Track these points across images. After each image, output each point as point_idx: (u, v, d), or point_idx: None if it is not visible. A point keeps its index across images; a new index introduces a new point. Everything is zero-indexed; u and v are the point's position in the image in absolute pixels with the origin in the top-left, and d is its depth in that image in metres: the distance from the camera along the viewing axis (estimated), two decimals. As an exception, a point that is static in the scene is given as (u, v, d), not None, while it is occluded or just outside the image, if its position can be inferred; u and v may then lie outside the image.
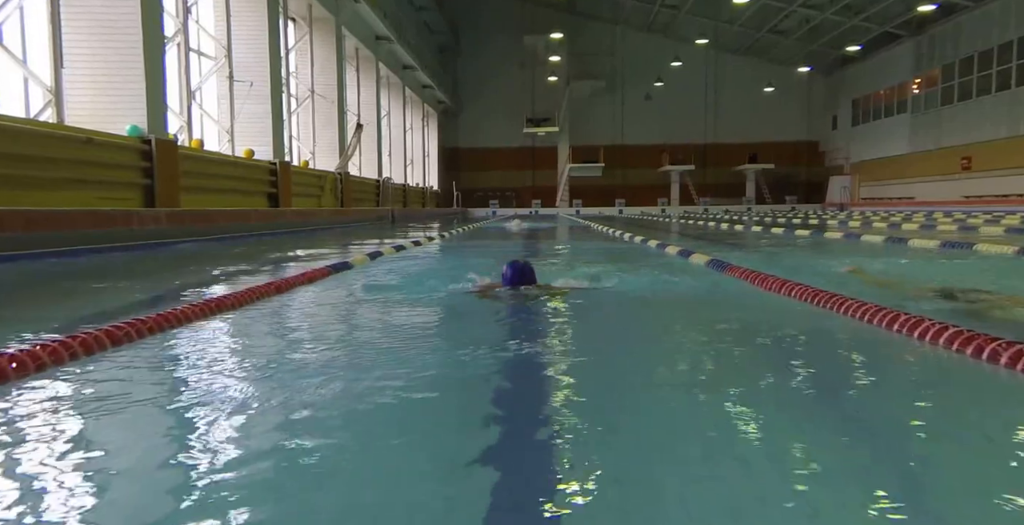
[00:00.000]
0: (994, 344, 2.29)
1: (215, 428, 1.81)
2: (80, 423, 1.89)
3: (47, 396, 2.13)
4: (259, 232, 13.95)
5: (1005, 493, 1.33)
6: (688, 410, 1.97)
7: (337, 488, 1.43)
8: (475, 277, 4.70)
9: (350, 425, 1.83)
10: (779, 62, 42.19)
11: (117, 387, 2.22)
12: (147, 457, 1.67)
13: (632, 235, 11.41)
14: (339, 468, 1.54)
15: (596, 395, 2.12)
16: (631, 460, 1.57)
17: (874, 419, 1.89)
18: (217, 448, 1.66)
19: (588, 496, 1.34)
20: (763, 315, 3.59)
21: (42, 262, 7.40)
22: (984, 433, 1.77)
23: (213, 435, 1.76)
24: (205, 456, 1.61)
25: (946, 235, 10.67)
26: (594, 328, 3.37)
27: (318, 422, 1.84)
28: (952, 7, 28.71)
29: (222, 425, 1.84)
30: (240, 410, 1.95)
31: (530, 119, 43.25)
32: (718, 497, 1.35)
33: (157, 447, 1.74)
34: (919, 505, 1.34)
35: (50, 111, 10.63)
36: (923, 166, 31.07)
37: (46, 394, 2.14)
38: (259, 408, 1.98)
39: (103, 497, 1.43)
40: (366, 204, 24.63)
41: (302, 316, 3.88)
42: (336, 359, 2.63)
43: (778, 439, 1.70)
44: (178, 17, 14.25)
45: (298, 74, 21.39)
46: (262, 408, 1.97)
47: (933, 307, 3.48)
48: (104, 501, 1.40)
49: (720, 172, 44.49)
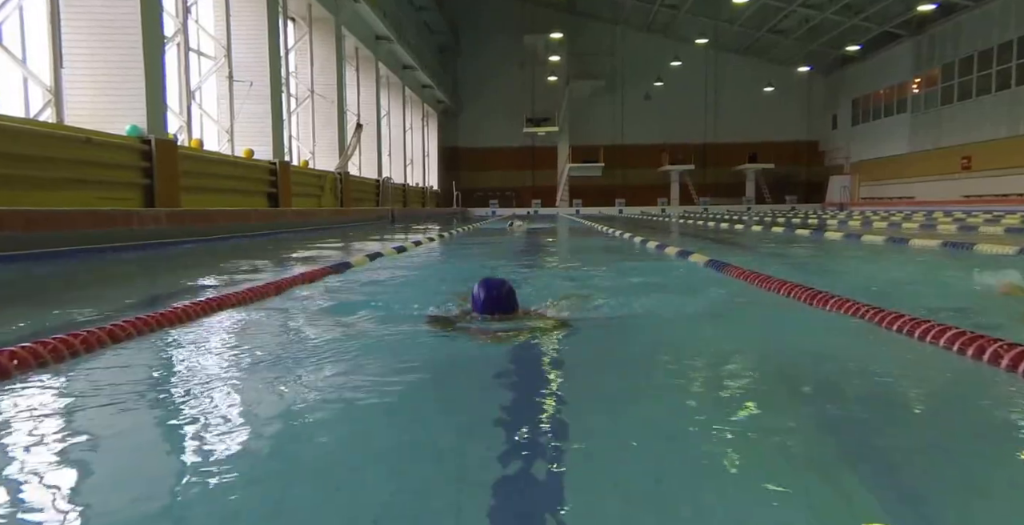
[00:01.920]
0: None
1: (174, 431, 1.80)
2: (53, 427, 1.88)
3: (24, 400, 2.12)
4: (259, 232, 13.94)
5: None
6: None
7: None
8: (449, 296, 3.85)
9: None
10: (779, 62, 42.18)
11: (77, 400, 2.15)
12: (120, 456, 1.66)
13: (644, 240, 10.30)
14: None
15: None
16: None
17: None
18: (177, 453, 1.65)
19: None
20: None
21: (37, 263, 7.39)
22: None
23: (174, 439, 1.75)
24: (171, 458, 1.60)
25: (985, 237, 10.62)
26: (591, 399, 2.08)
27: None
28: (952, 7, 28.70)
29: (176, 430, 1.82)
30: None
31: (530, 119, 43.24)
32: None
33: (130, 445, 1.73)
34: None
35: (50, 111, 10.62)
36: (923, 166, 31.06)
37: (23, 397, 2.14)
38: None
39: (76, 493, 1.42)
40: (366, 204, 24.62)
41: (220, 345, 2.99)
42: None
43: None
44: (178, 17, 14.24)
45: (298, 74, 21.37)
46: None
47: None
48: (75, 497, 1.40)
49: (720, 172, 44.48)
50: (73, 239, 8.55)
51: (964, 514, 1.33)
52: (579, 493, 1.36)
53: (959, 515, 1.32)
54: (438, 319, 3.23)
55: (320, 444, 1.70)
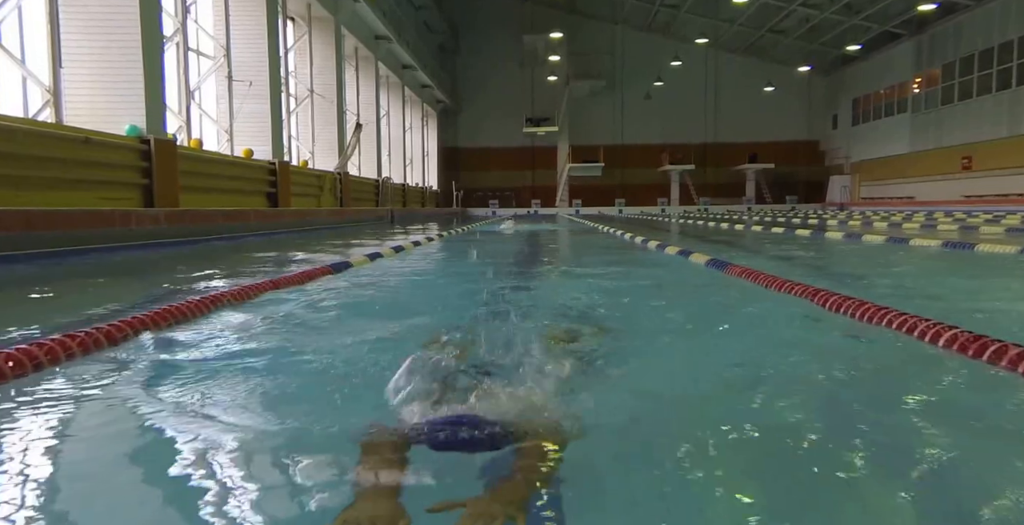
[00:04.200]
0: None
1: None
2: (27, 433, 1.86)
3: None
4: (258, 232, 13.93)
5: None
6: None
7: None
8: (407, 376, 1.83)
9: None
10: (779, 61, 42.17)
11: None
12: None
13: (646, 238, 9.43)
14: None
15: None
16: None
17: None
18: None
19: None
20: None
21: (33, 263, 7.37)
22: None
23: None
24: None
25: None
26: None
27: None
28: (953, 6, 28.69)
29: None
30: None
31: (530, 119, 43.23)
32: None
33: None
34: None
35: (49, 111, 10.60)
36: (923, 166, 31.06)
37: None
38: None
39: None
40: (365, 204, 24.61)
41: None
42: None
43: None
44: (177, 16, 14.21)
45: (297, 74, 21.36)
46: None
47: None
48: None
49: (720, 172, 44.48)
50: (72, 239, 8.53)
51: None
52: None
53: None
54: (375, 448, 1.55)
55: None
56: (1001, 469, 1.57)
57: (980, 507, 1.38)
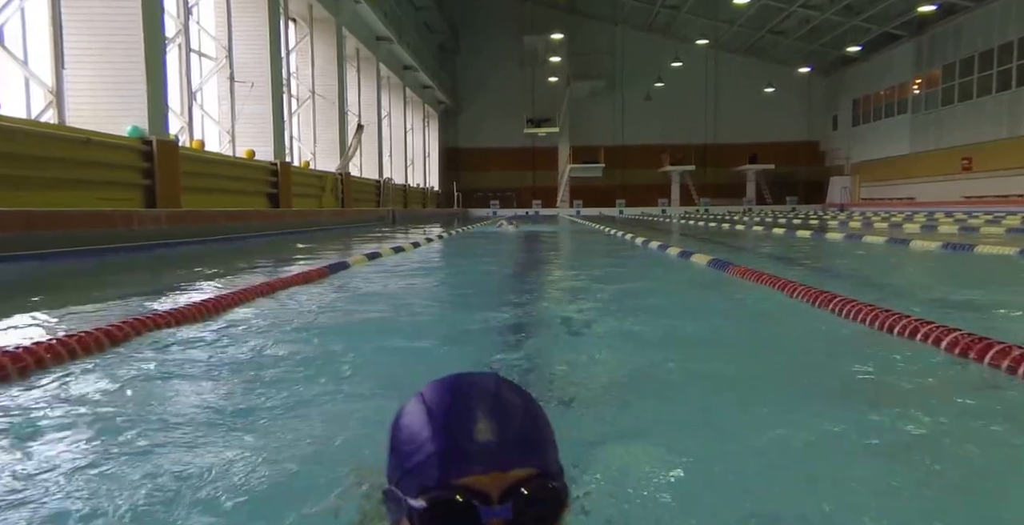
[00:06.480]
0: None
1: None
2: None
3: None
4: (260, 233, 13.94)
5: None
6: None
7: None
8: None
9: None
10: (779, 62, 42.15)
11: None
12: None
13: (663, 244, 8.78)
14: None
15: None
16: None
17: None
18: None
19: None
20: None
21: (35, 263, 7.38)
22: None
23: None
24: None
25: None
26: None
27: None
28: (952, 7, 28.69)
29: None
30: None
31: (530, 119, 43.22)
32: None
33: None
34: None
35: (51, 112, 10.62)
36: (923, 166, 31.04)
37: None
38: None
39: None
40: (367, 204, 24.62)
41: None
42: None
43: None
44: (179, 18, 14.24)
45: (299, 75, 21.37)
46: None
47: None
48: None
49: (720, 172, 44.46)
50: (73, 240, 8.54)
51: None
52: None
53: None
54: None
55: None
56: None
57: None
